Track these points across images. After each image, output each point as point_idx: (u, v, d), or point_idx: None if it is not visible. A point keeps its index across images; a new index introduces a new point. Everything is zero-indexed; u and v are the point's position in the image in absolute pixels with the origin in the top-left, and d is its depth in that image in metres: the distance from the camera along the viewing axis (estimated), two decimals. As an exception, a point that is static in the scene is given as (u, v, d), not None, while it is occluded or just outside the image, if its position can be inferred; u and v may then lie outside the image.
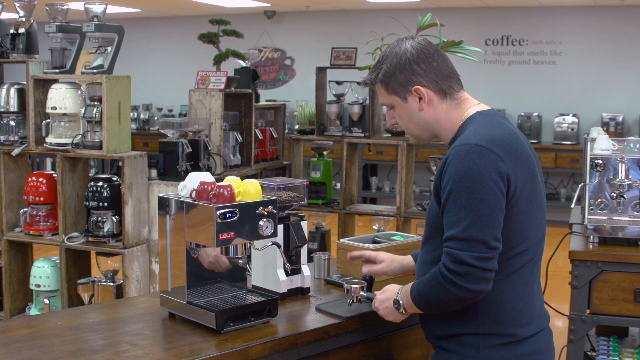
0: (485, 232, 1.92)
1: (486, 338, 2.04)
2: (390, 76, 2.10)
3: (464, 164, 1.93)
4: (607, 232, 3.28)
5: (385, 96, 2.16)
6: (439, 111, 2.11)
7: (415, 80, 2.09)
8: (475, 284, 1.93)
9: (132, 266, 4.12)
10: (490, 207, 1.93)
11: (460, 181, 1.93)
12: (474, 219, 1.91)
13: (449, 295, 1.96)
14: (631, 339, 3.66)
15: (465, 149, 1.95)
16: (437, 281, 1.97)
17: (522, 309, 2.06)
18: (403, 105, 2.13)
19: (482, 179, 1.92)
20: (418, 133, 2.19)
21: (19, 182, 4.46)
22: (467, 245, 1.92)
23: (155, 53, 11.83)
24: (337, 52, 5.40)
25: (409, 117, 2.14)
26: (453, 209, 1.95)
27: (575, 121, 9.38)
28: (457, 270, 1.92)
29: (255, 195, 2.19)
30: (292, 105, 9.54)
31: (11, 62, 4.39)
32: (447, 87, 2.10)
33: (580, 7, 9.63)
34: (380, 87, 2.16)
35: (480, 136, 1.98)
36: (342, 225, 5.33)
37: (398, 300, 2.14)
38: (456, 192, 1.94)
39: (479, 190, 1.92)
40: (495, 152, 1.94)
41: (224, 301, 2.24)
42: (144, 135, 11.05)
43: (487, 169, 1.93)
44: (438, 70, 2.09)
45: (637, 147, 3.35)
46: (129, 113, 4.21)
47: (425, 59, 2.09)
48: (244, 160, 5.14)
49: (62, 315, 2.48)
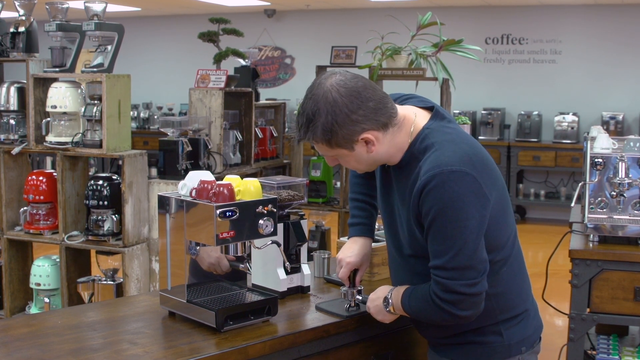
0: (473, 258, 1.94)
1: (506, 322, 2.12)
2: (331, 133, 1.97)
3: (444, 193, 1.90)
4: (607, 230, 3.28)
5: (328, 150, 2.04)
6: (385, 145, 2.03)
7: (359, 129, 1.97)
8: (466, 310, 1.98)
9: (132, 265, 4.12)
10: (474, 233, 1.93)
11: (443, 211, 1.91)
12: (460, 248, 1.92)
13: (441, 318, 2.03)
14: (631, 338, 3.66)
15: (442, 178, 1.90)
16: (429, 305, 2.01)
17: (524, 286, 2.19)
18: (350, 154, 2.04)
19: (465, 207, 1.91)
20: (368, 168, 2.14)
21: (19, 180, 4.46)
22: (456, 274, 1.94)
23: (155, 52, 11.82)
24: (337, 50, 5.40)
25: (357, 160, 2.07)
26: (437, 239, 1.95)
27: (575, 120, 9.38)
28: (448, 299, 1.96)
29: (255, 194, 2.18)
30: (292, 104, 9.53)
31: (11, 60, 4.39)
32: (387, 119, 2.00)
33: (580, 6, 9.62)
34: (319, 144, 2.02)
35: (450, 160, 1.93)
36: (342, 224, 5.32)
37: (388, 298, 2.17)
38: (439, 222, 1.93)
39: (463, 218, 1.91)
40: (470, 174, 1.92)
41: (224, 300, 2.24)
42: (144, 134, 11.05)
43: (467, 195, 1.91)
44: (375, 108, 1.98)
45: (637, 146, 3.35)
46: (129, 112, 4.21)
47: (360, 103, 1.96)
48: (244, 159, 5.14)
49: (62, 314, 2.48)
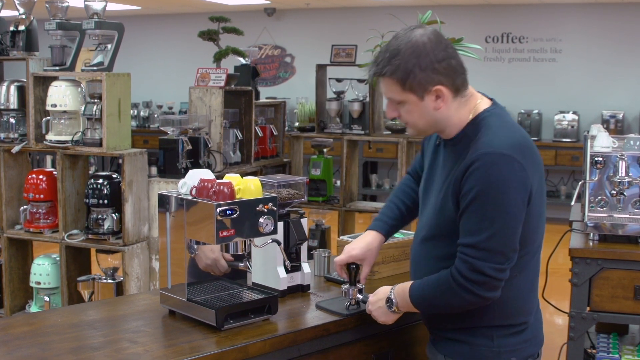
0: (506, 244, 1.96)
1: (500, 329, 2.10)
2: (408, 73, 1.98)
3: (491, 174, 1.93)
4: (607, 229, 3.28)
5: (398, 93, 2.02)
6: (451, 109, 2.05)
7: (437, 79, 1.99)
8: (488, 291, 1.98)
9: (132, 263, 4.12)
10: (513, 220, 1.95)
11: (486, 191, 1.93)
12: (496, 231, 1.94)
13: (459, 300, 2.01)
14: (631, 336, 3.66)
15: (492, 158, 1.93)
16: (448, 286, 2.00)
17: (532, 299, 2.16)
18: (417, 104, 2.03)
19: (508, 192, 1.93)
20: (425, 129, 2.11)
21: (19, 179, 4.46)
22: (486, 255, 1.95)
23: (155, 50, 11.82)
24: (337, 49, 5.39)
25: (420, 114, 2.05)
26: (475, 217, 1.96)
27: (575, 119, 9.38)
28: (473, 279, 1.96)
29: (255, 192, 2.18)
30: (292, 103, 9.53)
31: (11, 59, 4.38)
32: (461, 84, 2.05)
33: (580, 5, 9.62)
34: (393, 84, 2.01)
35: (502, 143, 1.96)
36: (342, 223, 5.33)
37: (391, 298, 2.16)
38: (480, 201, 1.94)
39: (504, 203, 1.93)
40: (519, 161, 1.94)
41: (224, 298, 2.24)
42: (144, 133, 11.05)
43: (513, 180, 1.94)
44: (455, 67, 2.03)
45: (637, 145, 3.35)
46: (129, 110, 4.21)
47: (445, 56, 2.00)
48: (244, 158, 5.14)
49: (62, 312, 2.48)
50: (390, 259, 2.76)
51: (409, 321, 2.47)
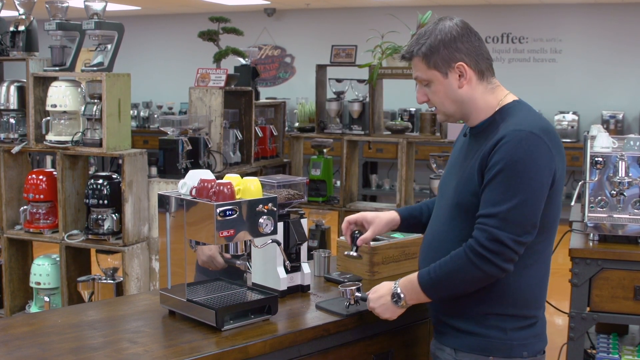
0: (527, 217, 1.99)
1: (513, 320, 2.11)
2: (433, 51, 2.11)
3: (519, 149, 1.99)
4: (607, 229, 3.28)
5: (424, 71, 2.15)
6: (476, 91, 2.15)
7: (459, 56, 2.11)
8: (505, 262, 1.99)
9: (132, 264, 4.12)
10: (536, 195, 2.00)
11: (513, 164, 1.98)
12: (518, 203, 1.97)
13: (475, 273, 2.01)
14: (631, 337, 3.66)
15: (522, 135, 2.00)
16: (463, 259, 2.01)
17: (543, 293, 2.17)
18: (442, 82, 2.14)
19: (534, 168, 1.99)
20: (451, 111, 2.19)
21: (19, 179, 4.47)
22: (506, 225, 1.97)
23: (155, 51, 11.82)
24: (337, 49, 5.39)
25: (445, 93, 2.15)
26: (499, 188, 1.99)
27: (575, 119, 9.38)
28: (491, 248, 1.98)
29: (255, 192, 2.18)
30: (292, 103, 9.54)
31: (11, 59, 4.38)
32: (485, 69, 2.16)
33: (580, 5, 9.62)
34: (420, 62, 2.15)
35: (532, 124, 2.04)
36: (342, 223, 5.32)
37: (397, 293, 2.15)
38: (506, 173, 1.98)
39: (529, 177, 1.98)
40: (547, 143, 2.01)
41: (224, 299, 2.24)
42: (144, 133, 11.05)
43: (539, 159, 2.00)
44: (479, 50, 2.15)
45: (637, 145, 3.35)
46: (129, 111, 4.21)
47: (468, 38, 2.13)
48: (244, 158, 5.14)
49: (62, 312, 2.48)
50: (390, 260, 2.76)
51: (409, 321, 2.47)
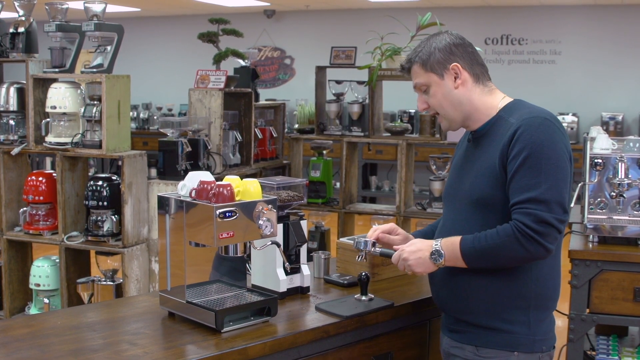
0: (563, 195, 2.06)
1: (536, 313, 2.17)
2: (429, 55, 2.22)
3: (540, 133, 2.07)
4: (606, 231, 3.28)
5: (422, 75, 2.24)
6: (473, 93, 2.23)
7: (453, 59, 2.21)
8: (551, 243, 2.05)
9: (132, 265, 4.12)
10: (565, 174, 2.08)
11: (539, 148, 2.05)
12: (553, 183, 2.04)
13: (521, 252, 2.05)
14: (631, 338, 3.66)
15: (538, 121, 2.09)
16: (512, 238, 2.04)
17: (559, 281, 2.26)
18: (439, 83, 2.22)
19: (557, 150, 2.07)
20: (452, 114, 2.25)
21: (18, 181, 4.46)
22: (547, 207, 2.03)
23: (155, 52, 11.82)
24: (336, 51, 5.39)
25: (443, 95, 2.23)
26: (531, 172, 2.05)
27: (575, 120, 9.38)
28: (539, 230, 2.02)
29: (255, 194, 2.19)
30: (291, 105, 9.53)
31: (11, 61, 4.38)
32: (480, 73, 2.24)
33: (580, 6, 9.63)
34: (418, 68, 2.25)
35: (542, 112, 2.14)
36: (342, 225, 5.33)
37: (439, 250, 2.17)
38: (534, 157, 2.05)
39: (556, 158, 2.06)
40: (560, 129, 2.12)
41: (224, 300, 2.24)
42: (143, 135, 11.05)
43: (558, 142, 2.09)
44: (473, 56, 2.24)
45: (636, 146, 3.35)
46: (128, 112, 4.21)
47: (462, 46, 2.24)
48: (244, 160, 5.14)
49: (62, 314, 2.48)
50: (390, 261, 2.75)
51: (408, 323, 2.48)
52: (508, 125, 2.14)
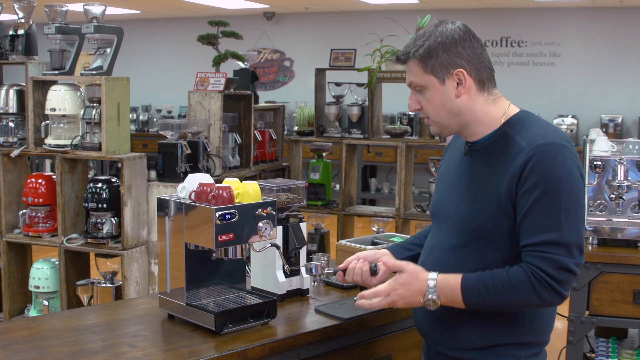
0: (581, 236, 1.87)
1: (527, 348, 1.98)
2: (432, 54, 1.93)
3: (558, 165, 1.83)
4: (606, 233, 3.28)
5: (419, 75, 1.96)
6: (476, 102, 1.96)
7: (459, 62, 1.93)
8: (567, 290, 1.86)
9: (131, 267, 4.12)
10: (583, 211, 1.89)
11: (557, 183, 1.83)
12: (573, 223, 1.84)
13: (535, 300, 1.85)
14: (630, 340, 3.66)
15: (555, 149, 1.84)
16: (526, 284, 1.83)
17: (554, 315, 2.04)
18: (439, 89, 1.95)
19: (576, 182, 1.85)
20: (447, 122, 1.99)
21: (18, 183, 4.46)
22: (568, 251, 1.83)
23: (155, 54, 11.83)
24: (336, 53, 5.40)
25: (441, 102, 1.96)
26: (548, 211, 1.83)
27: (574, 122, 9.39)
28: (560, 278, 1.82)
29: (254, 196, 2.19)
30: (291, 107, 9.54)
31: (10, 63, 4.39)
32: (486, 79, 1.98)
33: (579, 9, 9.64)
34: (416, 65, 1.96)
35: (557, 135, 1.89)
36: (341, 227, 5.33)
37: (434, 300, 1.91)
38: (552, 193, 1.82)
39: (575, 193, 1.85)
40: (575, 155, 1.89)
41: (223, 303, 2.24)
42: (143, 137, 11.05)
43: (576, 172, 1.86)
44: (481, 58, 1.97)
45: (636, 149, 3.36)
46: (128, 114, 4.21)
47: (470, 43, 1.96)
48: (243, 162, 5.14)
49: (61, 316, 2.48)
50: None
51: (408, 325, 2.47)
52: (517, 148, 1.88)
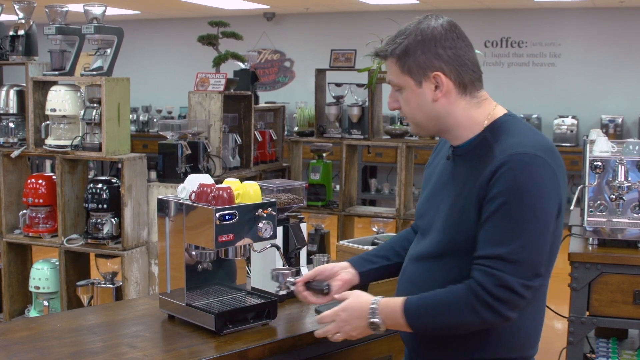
0: (537, 256, 1.74)
1: None
2: (409, 53, 1.82)
3: (525, 176, 1.72)
4: (606, 234, 3.28)
5: (397, 75, 1.87)
6: (456, 107, 1.85)
7: (437, 64, 1.81)
8: (511, 311, 1.74)
9: (132, 268, 4.12)
10: (545, 230, 1.74)
11: (518, 195, 1.71)
12: (528, 241, 1.71)
13: (474, 320, 1.74)
14: (630, 341, 3.66)
15: (526, 159, 1.73)
16: (464, 302, 1.73)
17: (539, 331, 1.92)
18: (415, 91, 1.85)
19: (542, 197, 1.73)
20: (424, 124, 1.90)
21: (18, 184, 4.46)
22: (515, 269, 1.71)
23: (155, 55, 11.83)
24: (336, 54, 5.40)
25: (418, 104, 1.87)
26: (503, 224, 1.72)
27: (574, 123, 9.39)
28: (498, 295, 1.71)
29: (255, 197, 2.18)
30: (291, 107, 9.53)
31: (10, 64, 4.39)
32: (469, 82, 1.86)
33: (579, 9, 9.64)
34: (393, 64, 1.86)
35: (535, 145, 1.77)
36: (342, 227, 5.33)
37: (376, 322, 1.86)
38: (512, 206, 1.71)
39: (538, 209, 1.72)
40: (551, 166, 1.76)
41: (223, 303, 2.24)
42: (143, 137, 11.05)
43: (547, 185, 1.74)
44: (463, 60, 1.84)
45: (636, 149, 3.36)
46: (128, 115, 4.21)
47: (452, 43, 1.83)
48: (243, 162, 5.14)
49: (61, 317, 2.48)
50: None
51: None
52: (491, 156, 1.77)
